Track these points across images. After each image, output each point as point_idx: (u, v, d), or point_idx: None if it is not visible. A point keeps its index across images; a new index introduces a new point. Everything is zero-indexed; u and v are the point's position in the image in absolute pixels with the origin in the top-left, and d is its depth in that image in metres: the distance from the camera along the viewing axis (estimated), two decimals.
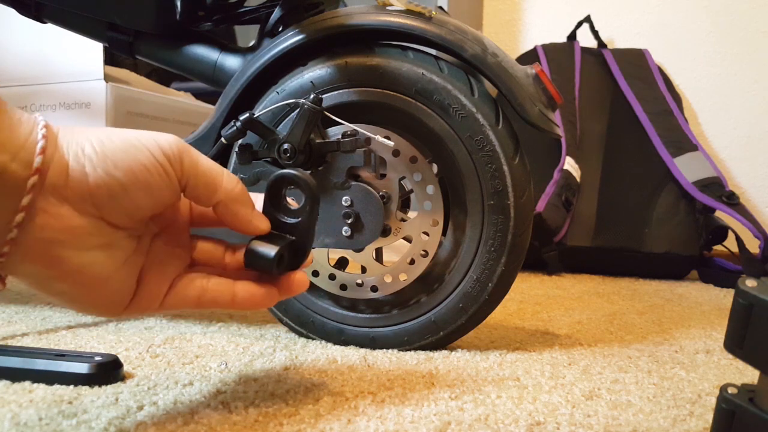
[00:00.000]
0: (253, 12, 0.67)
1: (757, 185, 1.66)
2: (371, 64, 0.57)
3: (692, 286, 1.28)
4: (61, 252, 0.32)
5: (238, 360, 0.54)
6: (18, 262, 0.31)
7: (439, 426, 0.40)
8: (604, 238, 1.41)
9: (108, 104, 1.04)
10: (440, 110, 0.56)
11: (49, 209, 0.31)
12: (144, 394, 0.44)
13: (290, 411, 0.42)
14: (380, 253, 0.63)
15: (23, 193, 0.30)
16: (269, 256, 0.38)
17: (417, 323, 0.59)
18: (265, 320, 0.72)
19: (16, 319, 0.70)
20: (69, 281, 0.33)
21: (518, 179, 0.56)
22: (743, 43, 1.67)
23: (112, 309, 0.35)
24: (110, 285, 0.34)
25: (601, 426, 0.41)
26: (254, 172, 0.56)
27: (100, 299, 0.34)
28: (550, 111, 0.59)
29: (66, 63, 1.07)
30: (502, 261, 0.57)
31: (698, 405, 0.47)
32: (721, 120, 1.69)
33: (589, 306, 0.94)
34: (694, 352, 0.65)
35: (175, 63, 0.66)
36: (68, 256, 0.32)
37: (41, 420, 0.38)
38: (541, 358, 0.58)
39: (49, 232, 0.31)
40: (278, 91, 0.59)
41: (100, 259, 0.33)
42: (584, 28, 1.74)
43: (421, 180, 0.57)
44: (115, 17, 0.65)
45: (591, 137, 1.53)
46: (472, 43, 0.56)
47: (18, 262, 0.31)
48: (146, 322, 0.69)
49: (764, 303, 0.31)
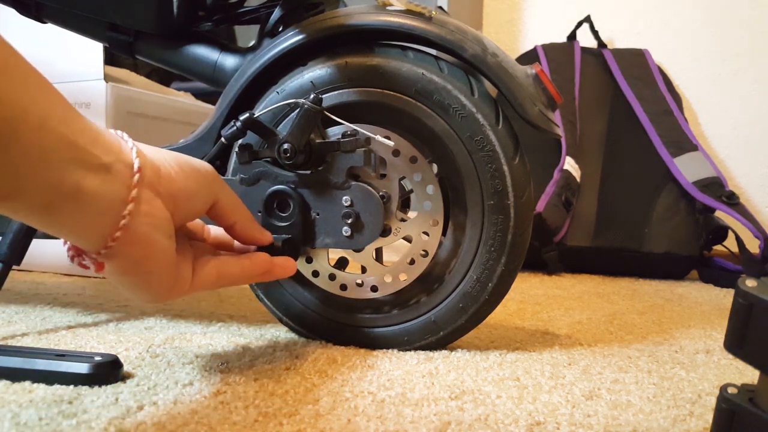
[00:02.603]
0: (253, 12, 0.67)
1: (757, 185, 1.66)
2: (371, 64, 0.57)
3: (692, 286, 1.28)
4: (156, 235, 0.38)
5: (238, 360, 0.54)
6: (123, 245, 0.37)
7: (439, 426, 0.40)
8: (604, 238, 1.41)
9: (108, 104, 1.04)
10: (440, 110, 0.56)
11: (149, 201, 0.38)
12: (144, 394, 0.44)
13: (290, 411, 0.42)
14: (380, 253, 0.63)
15: (131, 187, 0.36)
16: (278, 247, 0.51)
17: (417, 323, 0.59)
18: (265, 320, 0.72)
19: (16, 319, 0.70)
20: (154, 261, 0.39)
21: (518, 179, 0.56)
22: (743, 43, 1.67)
23: (167, 291, 0.42)
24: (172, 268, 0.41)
25: (601, 426, 0.41)
26: (254, 172, 0.56)
27: (166, 280, 0.41)
28: (550, 111, 0.59)
29: (66, 63, 1.07)
30: (502, 261, 0.57)
31: (698, 405, 0.47)
32: (721, 120, 1.69)
33: (589, 306, 0.94)
34: (694, 352, 0.65)
35: (175, 63, 0.66)
36: (159, 239, 0.39)
37: (41, 420, 0.38)
38: (541, 358, 0.58)
39: (150, 218, 0.38)
40: (278, 91, 0.59)
41: (172, 245, 0.41)
42: (584, 28, 1.74)
43: (421, 180, 0.57)
44: (115, 17, 0.65)
45: (591, 137, 1.53)
46: (472, 43, 0.56)
47: (123, 244, 0.37)
48: (146, 322, 0.69)
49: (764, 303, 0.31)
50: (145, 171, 0.38)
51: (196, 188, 0.42)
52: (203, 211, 0.45)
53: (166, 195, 0.39)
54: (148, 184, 0.38)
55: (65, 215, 0.34)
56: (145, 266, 0.39)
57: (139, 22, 0.65)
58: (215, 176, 0.45)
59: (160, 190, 0.39)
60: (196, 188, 0.42)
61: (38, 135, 0.32)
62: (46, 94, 0.33)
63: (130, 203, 0.36)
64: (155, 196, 0.38)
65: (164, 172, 0.40)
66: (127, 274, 0.39)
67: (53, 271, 1.12)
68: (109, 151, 0.36)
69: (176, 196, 0.40)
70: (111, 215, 0.36)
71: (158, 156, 0.40)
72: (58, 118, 0.33)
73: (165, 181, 0.39)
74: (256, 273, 0.49)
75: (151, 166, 0.39)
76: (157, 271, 0.40)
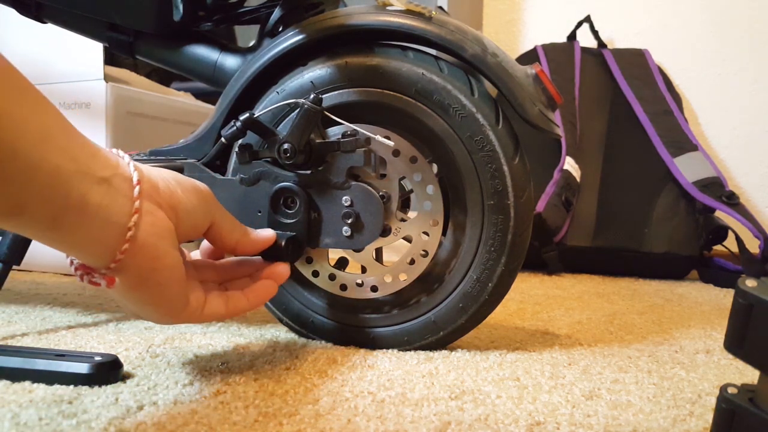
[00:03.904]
0: (253, 12, 0.67)
1: (757, 185, 1.66)
2: (371, 64, 0.57)
3: (692, 286, 1.28)
4: (163, 245, 0.39)
5: (238, 360, 0.54)
6: (131, 257, 0.37)
7: (439, 426, 0.40)
8: (604, 238, 1.41)
9: (108, 104, 1.04)
10: (440, 110, 0.56)
11: (153, 212, 0.38)
12: (144, 394, 0.44)
13: (290, 411, 0.42)
14: (380, 253, 0.63)
15: (133, 199, 0.37)
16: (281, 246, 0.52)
17: (417, 323, 0.59)
18: (265, 320, 0.72)
19: (16, 319, 0.70)
20: (164, 273, 0.39)
21: (518, 179, 0.56)
22: (743, 43, 1.67)
23: (179, 309, 0.42)
24: (182, 282, 0.42)
25: (601, 426, 0.41)
26: (254, 172, 0.56)
27: (177, 295, 0.41)
28: (550, 111, 0.59)
29: (66, 63, 1.07)
30: (502, 261, 0.57)
31: (698, 405, 0.47)
32: (721, 120, 1.69)
33: (589, 306, 0.94)
34: (694, 352, 0.65)
35: (175, 63, 0.66)
36: (167, 249, 0.39)
37: (41, 420, 0.38)
38: (541, 358, 0.58)
39: (155, 228, 0.38)
40: (278, 91, 0.59)
41: (180, 258, 0.41)
42: (584, 28, 1.74)
43: (421, 180, 0.57)
44: (115, 17, 0.65)
45: (591, 137, 1.53)
46: (472, 43, 0.56)
47: (131, 257, 0.37)
48: (146, 323, 0.69)
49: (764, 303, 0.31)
50: (143, 184, 0.38)
51: (195, 202, 0.43)
52: (204, 228, 0.45)
53: (167, 207, 0.40)
54: (148, 197, 0.38)
55: (72, 229, 0.35)
56: (155, 278, 0.39)
57: (139, 22, 0.65)
58: (212, 196, 0.46)
59: (160, 202, 0.39)
60: (195, 202, 0.43)
61: (41, 148, 0.32)
62: (45, 109, 0.33)
63: (134, 215, 0.37)
64: (157, 207, 0.39)
65: (163, 185, 0.40)
66: (138, 288, 0.39)
67: (53, 271, 1.12)
68: (108, 166, 0.36)
69: (177, 208, 0.41)
70: (117, 228, 0.36)
71: (155, 172, 0.41)
72: (58, 132, 0.33)
73: (165, 194, 0.40)
74: (264, 301, 0.50)
75: (149, 180, 0.39)
76: (167, 283, 0.40)
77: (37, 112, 0.32)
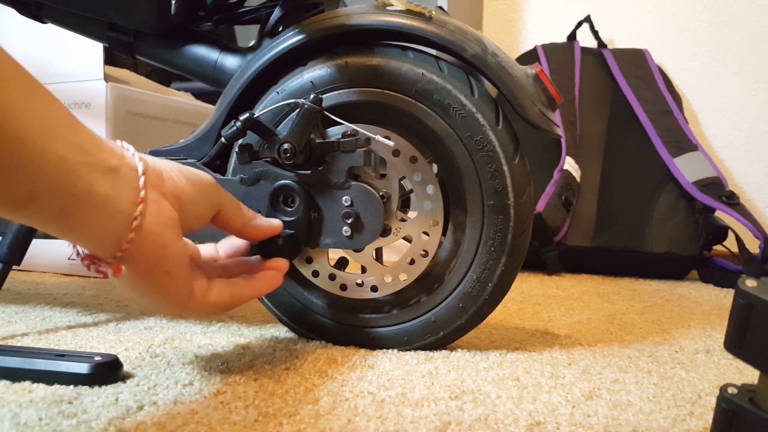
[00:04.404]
0: (253, 12, 0.67)
1: (757, 185, 1.66)
2: (371, 64, 0.57)
3: (692, 286, 1.28)
4: (168, 234, 0.39)
5: (238, 360, 0.54)
6: (137, 246, 0.38)
7: (439, 426, 0.40)
8: (604, 238, 1.41)
9: (108, 104, 1.04)
10: (440, 110, 0.56)
11: (157, 201, 0.39)
12: (144, 394, 0.44)
13: (290, 411, 0.42)
14: (380, 253, 0.63)
15: (138, 189, 0.37)
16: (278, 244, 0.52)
17: (417, 323, 0.59)
18: (265, 320, 0.72)
19: (16, 319, 0.70)
20: (169, 261, 0.40)
21: (518, 179, 0.56)
22: (743, 43, 1.67)
23: (185, 299, 0.43)
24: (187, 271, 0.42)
25: (601, 426, 0.41)
26: (254, 172, 0.56)
27: (182, 284, 0.42)
28: (550, 111, 0.59)
29: (66, 63, 1.07)
30: (502, 261, 0.57)
31: (698, 405, 0.47)
32: (721, 120, 1.69)
33: (589, 306, 0.94)
34: (694, 352, 0.65)
35: (175, 63, 0.66)
36: (172, 238, 0.40)
37: (41, 420, 0.38)
38: (541, 358, 0.58)
39: (160, 218, 0.39)
40: (278, 91, 0.59)
41: (185, 246, 0.42)
42: (584, 28, 1.74)
43: (421, 180, 0.57)
44: (115, 17, 0.65)
45: (591, 137, 1.53)
46: (472, 43, 0.56)
47: (137, 246, 0.38)
48: (146, 322, 0.69)
49: (764, 303, 0.31)
50: (148, 174, 0.39)
51: (199, 191, 0.43)
52: (208, 217, 0.46)
53: (171, 197, 0.40)
54: (153, 186, 0.39)
55: (80, 220, 0.35)
56: (161, 266, 0.40)
57: (139, 22, 0.65)
58: (216, 184, 0.46)
59: (165, 191, 0.40)
60: (199, 191, 0.43)
61: (48, 139, 0.32)
62: (51, 102, 0.34)
63: (140, 204, 0.37)
64: (162, 197, 0.39)
65: (167, 175, 0.41)
66: (144, 277, 0.40)
67: (53, 271, 1.12)
68: (114, 156, 0.37)
69: (181, 197, 0.41)
70: (123, 217, 0.37)
71: (160, 162, 0.42)
72: (64, 124, 0.34)
73: (169, 184, 0.41)
74: (269, 290, 0.51)
75: (154, 170, 0.40)
76: (173, 272, 0.40)
77: (43, 106, 0.33)
